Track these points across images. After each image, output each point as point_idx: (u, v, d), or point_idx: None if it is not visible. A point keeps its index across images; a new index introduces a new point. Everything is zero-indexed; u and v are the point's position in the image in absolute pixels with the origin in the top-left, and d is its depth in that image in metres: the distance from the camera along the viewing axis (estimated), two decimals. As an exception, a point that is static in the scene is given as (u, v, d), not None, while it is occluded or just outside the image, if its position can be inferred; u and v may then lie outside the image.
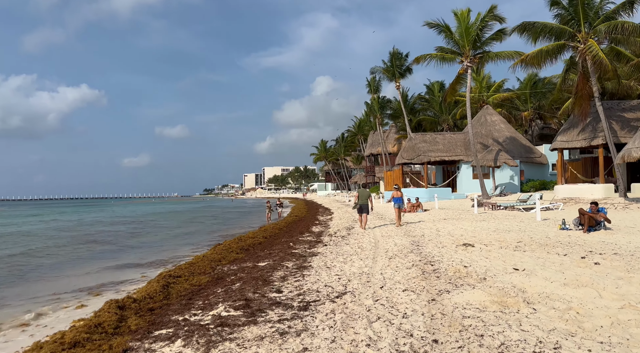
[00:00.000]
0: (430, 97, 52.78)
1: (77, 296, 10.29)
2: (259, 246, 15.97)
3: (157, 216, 51.18)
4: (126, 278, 12.32)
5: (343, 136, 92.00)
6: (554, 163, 39.11)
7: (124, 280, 12.04)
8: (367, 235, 15.83)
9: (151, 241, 23.28)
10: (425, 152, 37.30)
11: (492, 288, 6.59)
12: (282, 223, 25.67)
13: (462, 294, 6.34)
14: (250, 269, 10.49)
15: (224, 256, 13.25)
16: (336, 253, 11.89)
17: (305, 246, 14.12)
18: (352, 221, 22.63)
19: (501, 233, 12.99)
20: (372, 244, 13.08)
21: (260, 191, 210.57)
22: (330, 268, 9.65)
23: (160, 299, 8.06)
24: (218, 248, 15.09)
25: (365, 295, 6.88)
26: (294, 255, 12.11)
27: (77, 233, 29.30)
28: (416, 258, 9.71)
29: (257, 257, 12.77)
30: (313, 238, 16.56)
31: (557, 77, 40.22)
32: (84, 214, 60.60)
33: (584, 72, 23.35)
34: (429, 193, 35.88)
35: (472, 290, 6.50)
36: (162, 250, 18.96)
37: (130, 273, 13.14)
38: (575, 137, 26.22)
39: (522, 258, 8.87)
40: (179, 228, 31.90)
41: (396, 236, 14.44)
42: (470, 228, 15.20)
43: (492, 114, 39.89)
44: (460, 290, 6.60)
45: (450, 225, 16.87)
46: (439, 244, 11.80)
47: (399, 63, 48.54)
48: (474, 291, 6.44)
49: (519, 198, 25.92)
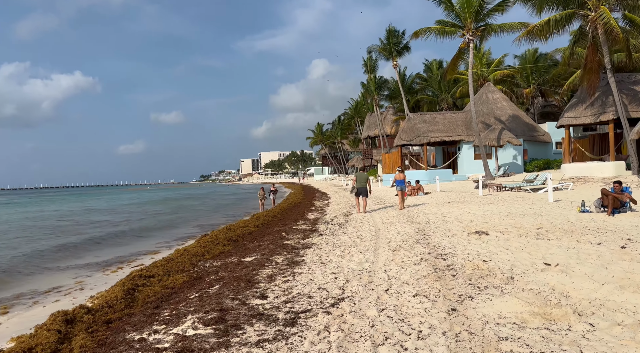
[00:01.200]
0: (428, 76, 51.11)
1: (22, 303, 8.88)
2: (249, 236, 14.66)
3: (148, 204, 49.81)
4: (90, 278, 10.97)
5: (339, 119, 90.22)
6: (557, 141, 37.79)
7: (84, 281, 10.58)
8: (367, 221, 14.52)
9: (135, 229, 21.94)
10: (424, 132, 35.85)
11: (526, 291, 5.28)
12: (276, 210, 24.35)
13: (491, 302, 5.02)
14: (234, 266, 9.17)
15: (209, 249, 11.93)
16: (332, 244, 10.59)
17: (299, 237, 12.82)
18: (349, 207, 21.32)
19: (515, 218, 11.69)
20: (372, 233, 11.78)
21: (257, 176, 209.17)
22: (325, 263, 8.34)
23: (122, 308, 6.74)
24: (203, 240, 13.78)
25: (368, 301, 5.57)
26: (286, 248, 10.80)
27: (54, 223, 27.86)
28: (424, 251, 8.40)
29: (244, 250, 11.46)
30: (308, 227, 15.26)
31: (560, 51, 38.64)
32: (72, 203, 59.08)
33: (594, 43, 21.84)
34: (429, 175, 34.57)
35: (502, 296, 5.19)
36: (142, 241, 17.49)
37: (97, 272, 11.77)
38: (583, 112, 24.81)
39: (549, 248, 7.56)
40: (168, 215, 30.56)
41: (398, 223, 13.13)
42: (479, 212, 13.89)
43: (494, 92, 38.36)
44: (486, 295, 5.29)
45: (456, 209, 15.57)
46: (448, 232, 10.49)
47: (396, 41, 46.83)
48: (505, 297, 5.12)
49: (524, 179, 24.63)
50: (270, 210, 24.41)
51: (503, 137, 31.45)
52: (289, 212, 22.98)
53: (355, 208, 19.83)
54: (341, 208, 21.15)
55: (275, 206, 27.40)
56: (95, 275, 11.34)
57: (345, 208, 20.73)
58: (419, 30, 28.26)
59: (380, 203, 22.61)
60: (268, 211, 23.27)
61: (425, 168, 35.88)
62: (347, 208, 20.85)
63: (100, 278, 10.75)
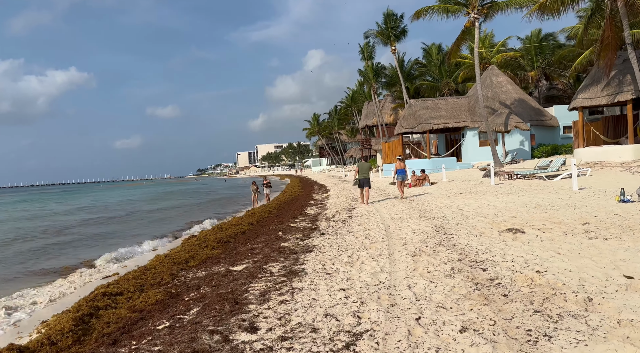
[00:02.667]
0: (428, 61, 49.26)
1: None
2: (242, 236, 13.08)
3: (141, 201, 48.14)
4: (41, 290, 9.32)
5: (336, 109, 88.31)
6: (565, 125, 36.20)
7: (30, 297, 8.77)
8: (373, 217, 12.95)
9: (118, 231, 20.27)
10: (427, 119, 34.21)
11: (628, 328, 3.69)
12: (273, 205, 22.76)
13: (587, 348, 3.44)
14: (220, 278, 7.59)
15: (195, 254, 10.36)
16: (337, 246, 9.01)
17: (298, 237, 11.24)
18: (351, 200, 19.75)
19: (548, 211, 10.12)
20: (382, 231, 10.21)
21: (254, 169, 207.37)
22: (330, 274, 6.77)
23: (69, 344, 5.16)
24: (190, 242, 12.20)
25: (396, 340, 4.00)
26: (283, 252, 9.22)
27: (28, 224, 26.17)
28: (452, 256, 6.83)
29: (235, 255, 9.88)
30: (307, 224, 13.68)
31: (567, 30, 36.89)
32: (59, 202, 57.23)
33: (612, 17, 20.18)
34: (433, 163, 33.01)
35: (594, 335, 3.60)
36: (122, 243, 15.62)
37: (48, 285, 10.10)
38: (599, 93, 23.19)
39: (614, 252, 6.00)
40: (158, 213, 28.91)
41: (410, 219, 11.56)
42: (500, 203, 12.33)
43: (498, 75, 36.66)
44: (569, 332, 3.72)
45: (472, 200, 14.00)
46: (472, 229, 8.93)
47: (394, 25, 44.93)
48: (603, 342, 3.53)
49: (537, 165, 23.10)
50: (266, 205, 22.81)
51: (510, 122, 29.85)
52: (286, 207, 21.40)
53: (357, 201, 18.30)
54: (342, 202, 19.59)
55: (270, 201, 25.70)
56: (44, 288, 9.49)
57: (346, 201, 19.16)
58: (421, 9, 26.52)
59: (383, 194, 21.06)
60: (264, 207, 21.67)
61: (428, 156, 34.28)
62: (349, 201, 19.27)
63: (55, 291, 9.04)
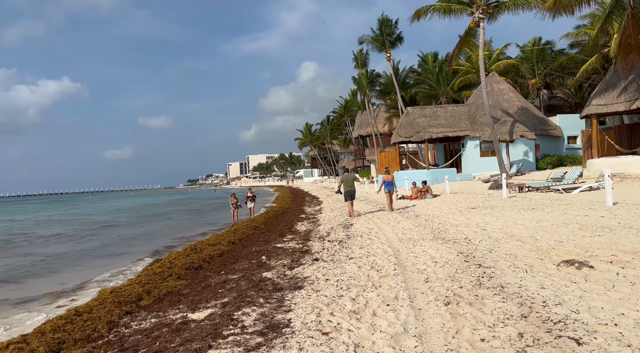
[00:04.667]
0: (424, 69, 47.51)
1: None
2: (218, 260, 10.81)
3: (122, 212, 45.54)
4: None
5: (329, 119, 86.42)
6: (569, 135, 34.44)
7: None
8: (376, 236, 10.77)
9: (78, 250, 17.57)
10: (425, 128, 32.25)
11: None
12: (260, 219, 20.49)
13: None
14: (170, 335, 5.32)
15: (152, 287, 8.09)
16: (336, 281, 6.81)
17: (285, 263, 9.01)
18: (347, 214, 17.58)
19: (602, 233, 7.98)
20: (391, 257, 8.02)
21: (245, 179, 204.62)
22: (329, 335, 4.56)
23: None
24: (152, 269, 9.89)
25: None
26: (263, 288, 6.99)
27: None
28: (510, 308, 4.64)
29: (202, 290, 7.63)
30: (298, 244, 11.46)
31: (572, 36, 35.30)
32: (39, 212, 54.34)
33: (634, 14, 18.38)
34: (432, 174, 30.94)
35: None
36: (72, 271, 12.64)
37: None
38: (615, 99, 21.35)
39: None
40: (136, 227, 26.37)
41: (423, 241, 9.39)
42: (529, 222, 10.20)
43: (499, 82, 34.89)
44: None
45: (491, 217, 11.87)
46: (514, 259, 6.77)
47: (389, 31, 43.30)
48: None
49: (550, 177, 21.09)
50: (253, 219, 20.52)
51: (516, 130, 27.94)
52: (274, 221, 19.16)
53: (351, 214, 16.13)
54: (337, 216, 17.40)
55: (255, 216, 22.69)
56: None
57: (342, 216, 16.97)
58: (421, 9, 24.63)
59: (379, 205, 18.95)
60: (249, 221, 19.38)
61: (427, 167, 32.23)
62: (344, 215, 17.08)
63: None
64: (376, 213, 16.51)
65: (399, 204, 19.11)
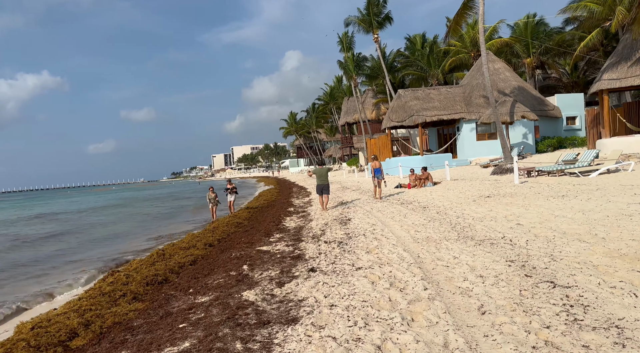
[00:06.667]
0: (412, 51, 45.41)
1: None
2: (189, 270, 8.71)
3: (93, 210, 42.92)
4: None
5: (314, 107, 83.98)
6: (568, 115, 32.83)
7: None
8: (383, 234, 8.76)
9: (21, 260, 15.07)
10: (418, 111, 30.24)
11: None
12: (244, 214, 18.38)
13: None
14: None
15: (93, 317, 5.98)
16: (345, 308, 4.78)
17: (273, 275, 6.96)
18: (341, 206, 15.58)
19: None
20: (412, 267, 6.01)
21: (230, 171, 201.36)
22: None
23: None
24: (98, 289, 7.72)
25: None
26: (242, 320, 4.91)
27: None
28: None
29: (160, 320, 5.53)
30: (287, 247, 9.39)
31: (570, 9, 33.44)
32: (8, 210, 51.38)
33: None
34: (427, 160, 29.01)
35: None
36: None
37: None
38: (629, 72, 19.57)
39: None
40: (109, 227, 23.95)
41: (446, 241, 7.40)
42: (575, 215, 8.26)
43: (494, 61, 33.00)
44: None
45: (519, 207, 9.93)
46: (596, 271, 4.82)
47: (377, 10, 41.04)
48: None
49: (562, 159, 19.33)
50: (235, 215, 18.38)
51: (516, 111, 26.11)
52: (259, 217, 17.05)
53: (352, 210, 14.11)
54: (330, 209, 15.36)
55: (236, 210, 20.17)
56: None
57: (337, 210, 14.92)
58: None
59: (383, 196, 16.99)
60: (231, 217, 17.23)
61: (421, 152, 30.33)
62: (340, 209, 15.06)
63: None
64: (375, 205, 14.52)
65: (395, 193, 17.15)
